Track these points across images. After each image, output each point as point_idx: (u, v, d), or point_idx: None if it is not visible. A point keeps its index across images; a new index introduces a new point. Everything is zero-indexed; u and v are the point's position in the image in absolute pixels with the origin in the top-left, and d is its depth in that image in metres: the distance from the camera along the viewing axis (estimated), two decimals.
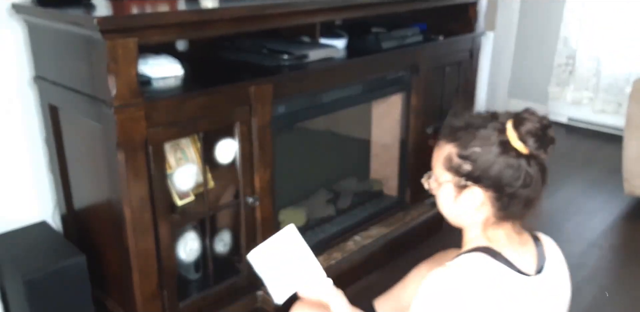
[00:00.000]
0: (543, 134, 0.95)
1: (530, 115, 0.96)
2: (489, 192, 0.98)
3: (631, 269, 2.10)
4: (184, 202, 1.59)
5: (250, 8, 1.46)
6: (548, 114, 1.34)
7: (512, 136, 0.95)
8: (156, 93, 1.39)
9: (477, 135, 0.98)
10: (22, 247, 1.54)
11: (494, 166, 0.96)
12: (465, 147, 0.98)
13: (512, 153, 0.95)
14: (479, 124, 0.99)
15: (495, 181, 0.97)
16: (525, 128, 0.95)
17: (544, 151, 0.95)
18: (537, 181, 0.97)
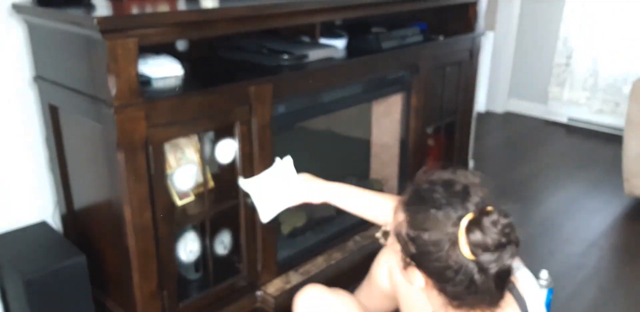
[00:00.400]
0: (497, 249, 0.83)
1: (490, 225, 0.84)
2: (432, 281, 0.90)
3: (631, 269, 2.10)
4: (184, 202, 1.59)
5: (250, 8, 1.46)
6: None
7: (462, 241, 0.84)
8: (156, 93, 1.39)
9: (430, 218, 0.87)
10: (22, 247, 1.54)
11: (437, 261, 0.86)
12: (415, 228, 0.88)
13: (460, 254, 0.84)
14: (439, 203, 0.87)
15: (437, 275, 0.87)
16: (476, 239, 0.83)
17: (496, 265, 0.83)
18: (486, 290, 0.85)
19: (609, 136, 3.40)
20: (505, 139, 3.51)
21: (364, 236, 2.03)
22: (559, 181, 2.82)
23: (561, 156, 3.20)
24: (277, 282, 1.75)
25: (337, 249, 1.94)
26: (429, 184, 0.93)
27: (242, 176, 1.34)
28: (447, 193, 0.89)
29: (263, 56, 1.67)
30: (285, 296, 1.72)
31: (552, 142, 3.43)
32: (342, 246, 1.96)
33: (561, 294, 1.90)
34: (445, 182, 0.92)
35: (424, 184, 0.94)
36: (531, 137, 3.50)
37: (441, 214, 0.86)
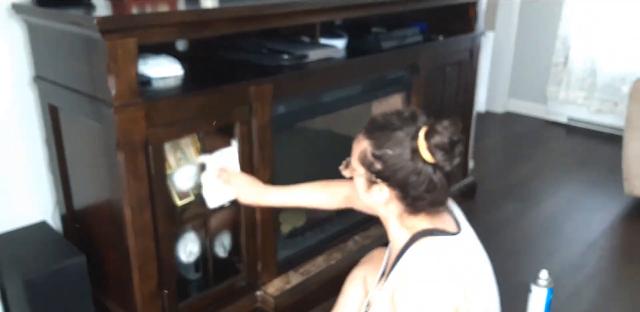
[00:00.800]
0: (451, 148, 1.03)
1: (442, 129, 1.03)
2: (395, 191, 1.07)
3: (631, 269, 2.10)
4: (184, 202, 1.59)
5: (250, 8, 1.46)
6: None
7: (422, 146, 1.02)
8: (156, 93, 1.39)
9: (391, 138, 1.05)
10: (22, 247, 1.54)
11: (401, 170, 1.04)
12: (379, 148, 1.05)
13: (420, 160, 1.03)
14: (396, 126, 1.06)
15: (401, 183, 1.05)
16: (434, 141, 1.02)
17: (449, 163, 1.03)
18: (441, 187, 1.05)
19: (608, 136, 3.40)
20: (505, 139, 3.51)
21: (363, 236, 2.03)
22: (559, 181, 2.82)
23: (561, 155, 3.20)
24: (277, 282, 1.75)
25: (337, 249, 1.94)
26: (382, 115, 1.11)
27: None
28: (400, 118, 1.08)
29: (263, 56, 1.67)
30: (285, 296, 1.72)
31: (552, 142, 3.43)
32: (341, 246, 1.96)
33: (561, 294, 1.91)
34: (395, 112, 1.11)
35: (379, 116, 1.11)
36: (531, 137, 3.50)
37: (399, 132, 1.05)
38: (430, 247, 1.07)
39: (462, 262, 1.08)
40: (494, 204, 2.58)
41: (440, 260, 1.06)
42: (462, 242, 1.11)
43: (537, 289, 1.71)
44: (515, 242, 2.25)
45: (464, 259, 1.09)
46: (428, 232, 1.09)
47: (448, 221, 1.14)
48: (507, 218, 2.45)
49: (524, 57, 3.72)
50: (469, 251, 1.12)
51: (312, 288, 1.77)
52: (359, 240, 2.01)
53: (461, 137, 1.05)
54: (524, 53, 3.71)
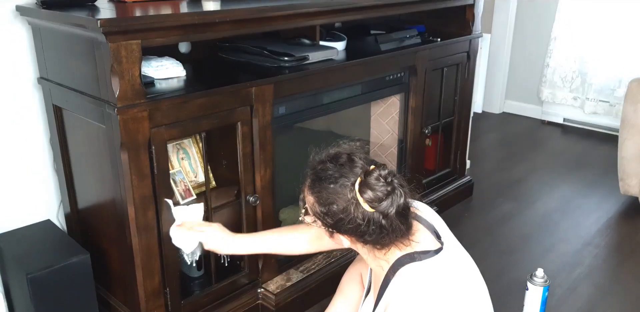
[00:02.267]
0: (388, 196, 1.02)
1: (375, 181, 1.01)
2: (353, 237, 1.08)
3: (626, 267, 2.13)
4: (186, 201, 1.61)
5: (252, 10, 1.49)
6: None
7: (360, 200, 1.02)
8: (159, 94, 1.41)
9: (332, 192, 1.04)
10: (26, 246, 1.56)
11: (350, 221, 1.03)
12: (324, 205, 1.05)
13: (365, 210, 1.02)
14: (334, 178, 1.05)
15: (355, 232, 1.05)
16: (369, 196, 1.02)
17: (392, 207, 1.02)
18: (396, 226, 1.04)
19: (604, 136, 3.43)
20: (501, 139, 3.54)
21: None
22: (555, 181, 2.85)
23: (557, 155, 3.23)
24: (278, 279, 1.78)
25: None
26: (321, 164, 1.09)
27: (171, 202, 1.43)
28: (337, 167, 1.06)
29: (264, 58, 1.69)
30: (286, 293, 1.75)
31: (547, 142, 3.46)
32: None
33: (557, 292, 1.93)
34: (332, 158, 1.09)
35: (318, 166, 1.09)
36: (527, 137, 3.53)
37: (338, 186, 1.04)
38: (412, 277, 1.06)
39: (446, 284, 1.06)
40: (491, 203, 2.61)
41: (423, 288, 1.05)
42: (444, 259, 1.09)
43: (533, 287, 1.74)
44: (512, 240, 2.28)
45: (448, 279, 1.08)
46: (408, 257, 1.07)
47: (426, 239, 1.12)
48: (503, 217, 2.48)
49: (520, 59, 3.75)
50: (454, 268, 1.11)
51: (312, 285, 1.80)
52: None
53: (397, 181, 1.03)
54: (520, 55, 3.75)
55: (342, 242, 1.12)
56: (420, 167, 2.31)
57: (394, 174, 1.05)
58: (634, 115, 2.36)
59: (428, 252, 1.09)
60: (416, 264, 1.07)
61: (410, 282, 1.06)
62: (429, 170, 2.43)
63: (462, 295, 1.09)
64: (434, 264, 1.08)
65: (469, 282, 1.14)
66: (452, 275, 1.10)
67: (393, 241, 1.07)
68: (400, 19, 2.40)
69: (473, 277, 1.15)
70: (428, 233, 1.14)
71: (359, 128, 2.27)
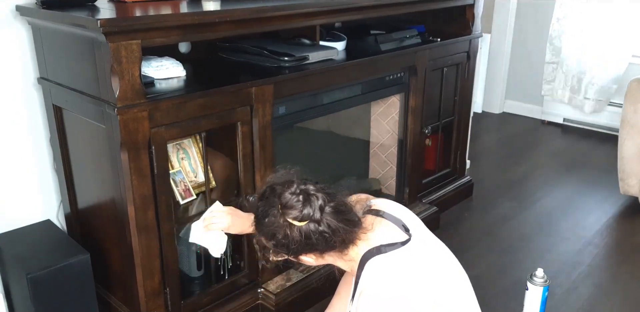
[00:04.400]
0: (305, 205, 1.08)
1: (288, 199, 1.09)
2: (311, 253, 1.15)
3: (626, 267, 2.13)
4: (186, 201, 1.61)
5: (252, 10, 1.49)
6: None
7: (290, 221, 1.09)
8: (159, 94, 1.41)
9: (268, 225, 1.12)
10: (26, 246, 1.56)
11: (297, 242, 1.10)
12: (270, 238, 1.13)
13: (298, 227, 1.09)
14: (263, 213, 1.13)
15: (307, 248, 1.12)
16: (292, 214, 1.08)
17: (317, 213, 1.08)
18: (336, 227, 1.10)
19: (604, 136, 3.43)
20: (501, 139, 3.54)
21: None
22: (555, 180, 2.85)
23: (557, 155, 3.24)
24: (278, 279, 1.78)
25: None
26: (255, 205, 1.18)
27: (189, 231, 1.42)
28: (263, 202, 1.14)
29: (264, 58, 1.69)
30: (286, 293, 1.75)
31: (547, 142, 3.46)
32: None
33: (557, 292, 1.93)
34: (260, 196, 1.17)
35: (255, 208, 1.18)
36: (527, 137, 3.53)
37: (270, 218, 1.12)
38: (379, 267, 1.11)
39: (414, 274, 1.10)
40: (491, 203, 2.61)
41: (389, 279, 1.09)
42: (412, 250, 1.13)
43: (533, 287, 1.74)
44: (512, 240, 2.28)
45: (416, 269, 1.11)
46: (375, 251, 1.12)
47: (392, 232, 1.16)
48: (503, 217, 2.48)
49: (520, 59, 3.75)
50: (422, 258, 1.15)
51: (312, 285, 1.80)
52: None
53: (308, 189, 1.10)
54: (519, 55, 3.75)
55: (311, 261, 1.19)
56: (420, 167, 2.31)
57: (304, 183, 1.12)
58: (633, 115, 2.36)
59: (394, 244, 1.13)
60: (381, 256, 1.12)
61: (377, 272, 1.10)
62: (429, 170, 2.43)
63: (431, 283, 1.12)
64: (400, 254, 1.12)
65: (439, 270, 1.16)
66: (419, 263, 1.13)
67: (345, 240, 1.12)
68: (400, 19, 2.40)
69: (445, 266, 1.18)
70: (394, 227, 1.17)
71: (359, 128, 2.27)
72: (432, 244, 1.20)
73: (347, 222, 1.11)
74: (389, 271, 1.10)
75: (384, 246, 1.12)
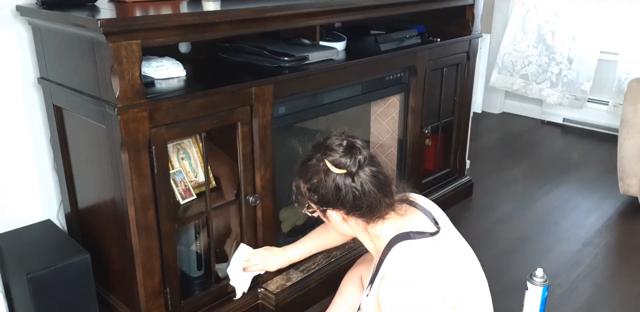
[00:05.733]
0: (349, 153, 1.12)
1: (331, 142, 1.14)
2: (339, 210, 1.17)
3: (626, 266, 2.13)
4: (186, 201, 1.62)
5: (252, 10, 1.49)
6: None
7: (329, 165, 1.13)
8: (159, 94, 1.41)
9: (309, 169, 1.16)
10: (27, 245, 1.56)
11: (328, 191, 1.14)
12: (307, 181, 1.17)
13: (334, 176, 1.13)
14: (308, 157, 1.18)
15: (335, 201, 1.15)
16: (332, 156, 1.12)
17: (354, 165, 1.12)
18: (368, 190, 1.13)
19: (604, 136, 3.43)
20: (501, 139, 3.54)
21: None
22: (555, 180, 2.85)
23: (556, 156, 3.24)
24: (278, 279, 1.78)
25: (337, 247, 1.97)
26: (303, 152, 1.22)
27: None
28: (314, 148, 1.18)
29: (264, 58, 1.69)
30: (286, 293, 1.75)
31: (547, 142, 3.46)
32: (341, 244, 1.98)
33: (557, 292, 1.93)
34: (314, 143, 1.20)
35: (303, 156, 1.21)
36: (527, 137, 3.54)
37: (312, 161, 1.16)
38: (407, 251, 1.11)
39: (441, 264, 1.11)
40: (490, 203, 2.61)
41: (417, 263, 1.09)
42: (440, 241, 1.14)
43: (533, 287, 1.74)
44: (511, 240, 2.28)
45: (443, 260, 1.12)
46: (404, 236, 1.13)
47: (423, 222, 1.18)
48: (503, 217, 2.48)
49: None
50: (449, 251, 1.15)
51: (312, 285, 1.80)
52: None
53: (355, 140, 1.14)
54: None
55: (336, 220, 1.20)
56: (420, 167, 2.31)
57: (355, 140, 1.15)
58: (633, 115, 2.36)
59: (424, 233, 1.14)
60: (411, 241, 1.12)
61: (405, 256, 1.11)
62: (428, 170, 2.43)
63: (455, 275, 1.12)
64: (429, 243, 1.13)
65: (463, 265, 1.17)
66: (446, 256, 1.14)
67: (373, 207, 1.13)
68: (400, 19, 2.40)
69: (468, 263, 1.19)
70: (425, 218, 1.19)
71: (359, 128, 2.27)
72: (458, 239, 1.22)
73: (380, 190, 1.13)
74: (416, 257, 1.11)
75: (414, 232, 1.14)
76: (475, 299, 1.17)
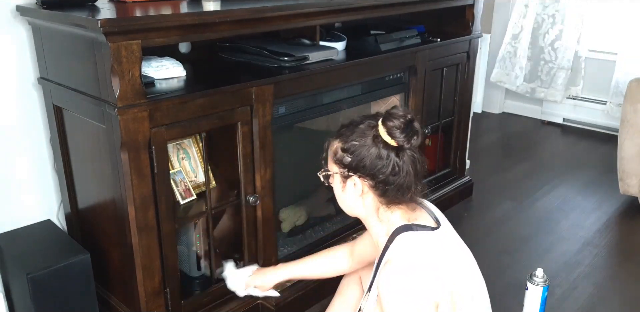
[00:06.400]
0: (407, 127, 1.10)
1: (396, 111, 1.11)
2: (366, 180, 1.13)
3: (626, 267, 2.13)
4: (186, 201, 1.61)
5: (252, 10, 1.49)
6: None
7: (381, 131, 1.10)
8: (159, 94, 1.41)
9: (355, 131, 1.14)
10: (27, 245, 1.57)
11: (367, 157, 1.11)
12: (346, 142, 1.14)
13: (382, 145, 1.10)
14: (359, 121, 1.15)
15: (369, 169, 1.12)
16: (391, 123, 1.09)
17: (408, 141, 1.10)
18: (407, 170, 1.12)
19: (604, 136, 3.43)
20: (501, 139, 3.54)
21: None
22: (555, 180, 2.85)
23: (556, 155, 3.24)
24: None
25: None
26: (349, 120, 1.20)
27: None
28: (362, 116, 1.18)
29: (264, 58, 1.69)
30: (286, 293, 1.75)
31: (547, 142, 3.46)
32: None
33: (557, 292, 1.94)
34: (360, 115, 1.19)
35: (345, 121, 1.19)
36: (527, 137, 3.54)
37: (362, 125, 1.14)
38: (410, 241, 1.12)
39: (441, 255, 1.11)
40: (491, 203, 2.61)
41: (419, 253, 1.10)
42: (441, 236, 1.15)
43: (533, 287, 1.74)
44: (511, 240, 2.28)
45: (443, 252, 1.13)
46: (407, 227, 1.13)
47: (426, 218, 1.18)
48: (503, 217, 2.48)
49: None
50: (449, 245, 1.16)
51: (312, 285, 1.80)
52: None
53: (415, 117, 1.12)
54: None
55: (353, 191, 1.16)
56: None
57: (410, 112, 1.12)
58: (633, 115, 2.36)
59: (425, 227, 1.15)
60: (412, 232, 1.13)
61: (406, 244, 1.11)
62: (428, 170, 2.43)
63: (454, 268, 1.12)
64: (430, 236, 1.13)
65: (462, 260, 1.18)
66: (446, 249, 1.14)
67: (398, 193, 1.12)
68: (400, 19, 2.40)
69: (466, 258, 1.19)
70: (427, 215, 1.20)
71: None
72: (456, 238, 1.22)
73: (415, 175, 1.12)
74: (418, 247, 1.11)
75: (416, 225, 1.14)
76: (473, 293, 1.17)
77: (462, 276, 1.14)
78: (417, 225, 1.14)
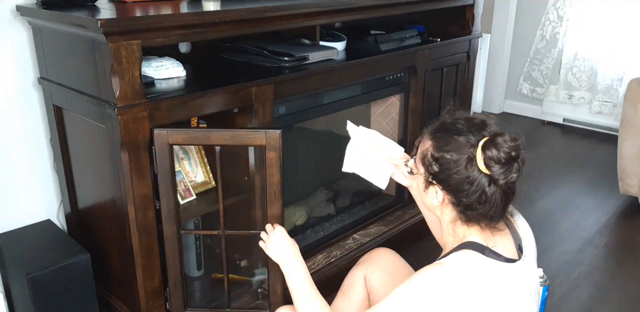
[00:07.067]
0: (507, 163, 0.99)
1: (502, 142, 1.00)
2: (449, 196, 1.04)
3: (626, 266, 2.13)
4: (186, 201, 1.61)
5: (252, 11, 1.49)
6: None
7: (478, 155, 0.99)
8: (159, 94, 1.41)
9: (452, 142, 1.02)
10: (27, 245, 1.57)
11: (456, 175, 1.01)
12: (439, 150, 1.03)
13: (475, 169, 1.00)
14: (460, 131, 1.03)
15: (454, 188, 1.02)
16: (491, 153, 0.99)
17: (504, 177, 0.99)
18: (494, 201, 1.01)
19: (604, 136, 3.43)
20: None
21: (362, 234, 2.06)
22: (555, 180, 2.85)
23: (557, 156, 3.24)
24: None
25: (337, 247, 1.97)
26: (453, 119, 1.08)
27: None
28: (468, 124, 1.04)
29: (264, 58, 1.69)
30: (287, 293, 1.74)
31: (547, 142, 3.46)
32: (341, 244, 1.98)
33: (557, 292, 1.93)
34: (466, 118, 1.07)
35: (449, 119, 1.08)
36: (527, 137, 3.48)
37: (462, 138, 1.02)
38: (472, 262, 0.99)
39: (486, 286, 0.98)
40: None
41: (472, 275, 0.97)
42: (509, 272, 1.01)
43: None
44: None
45: (498, 288, 0.99)
46: (478, 246, 1.02)
47: (507, 246, 1.06)
48: None
49: (520, 59, 3.75)
50: (512, 283, 1.02)
51: None
52: (358, 238, 2.03)
53: (522, 154, 1.02)
54: (519, 55, 3.75)
55: (433, 199, 1.07)
56: None
57: (521, 146, 1.03)
58: (633, 115, 2.36)
59: (500, 256, 1.02)
60: (482, 256, 1.01)
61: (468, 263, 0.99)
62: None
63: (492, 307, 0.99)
64: (496, 266, 1.01)
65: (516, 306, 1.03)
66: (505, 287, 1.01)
67: (481, 218, 1.02)
68: (400, 19, 2.40)
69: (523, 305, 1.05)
70: (511, 242, 1.09)
71: None
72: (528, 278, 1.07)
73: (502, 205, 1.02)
74: (476, 270, 0.99)
75: (490, 250, 1.02)
76: None
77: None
78: (491, 250, 1.02)
